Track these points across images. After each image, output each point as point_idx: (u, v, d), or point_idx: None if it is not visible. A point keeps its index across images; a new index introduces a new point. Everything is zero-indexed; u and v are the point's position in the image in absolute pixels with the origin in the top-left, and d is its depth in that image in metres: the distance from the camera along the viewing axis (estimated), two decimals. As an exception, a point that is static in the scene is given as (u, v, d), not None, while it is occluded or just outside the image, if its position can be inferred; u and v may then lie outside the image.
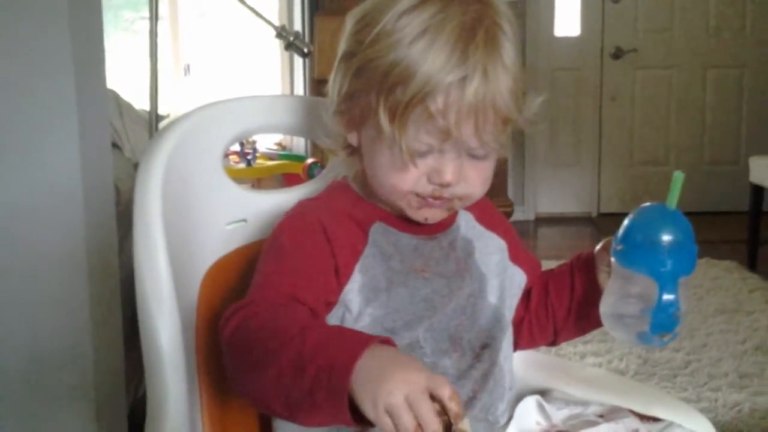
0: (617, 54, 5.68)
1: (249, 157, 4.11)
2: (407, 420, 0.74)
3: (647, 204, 1.02)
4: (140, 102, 3.34)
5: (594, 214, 5.85)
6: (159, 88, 2.67)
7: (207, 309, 1.10)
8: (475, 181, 1.00)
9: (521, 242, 1.21)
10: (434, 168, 0.97)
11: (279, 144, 4.78)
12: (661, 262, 0.95)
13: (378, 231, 1.04)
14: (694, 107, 5.75)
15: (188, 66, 5.14)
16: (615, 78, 5.73)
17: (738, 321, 3.45)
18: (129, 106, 3.03)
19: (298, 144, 4.75)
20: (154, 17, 2.61)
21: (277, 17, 5.06)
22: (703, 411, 2.56)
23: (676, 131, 5.78)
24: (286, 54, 4.89)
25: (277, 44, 3.34)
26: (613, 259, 1.01)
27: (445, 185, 0.98)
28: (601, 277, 1.09)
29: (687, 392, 2.74)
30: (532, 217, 5.79)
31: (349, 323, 0.99)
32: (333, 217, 1.03)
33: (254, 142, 4.18)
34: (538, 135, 5.67)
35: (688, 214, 1.02)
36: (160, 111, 2.72)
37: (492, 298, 1.09)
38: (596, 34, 5.70)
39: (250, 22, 4.20)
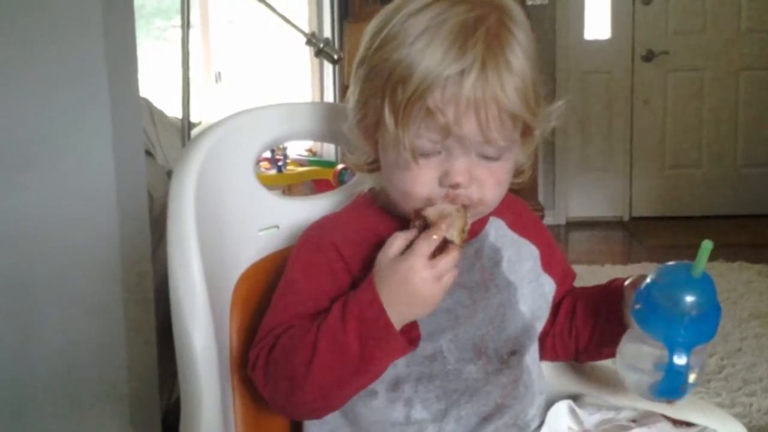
0: (648, 56, 5.64)
1: (280, 163, 4.14)
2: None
3: (672, 264, 0.97)
4: (172, 109, 3.37)
5: (626, 217, 5.81)
6: (191, 96, 2.69)
7: (240, 314, 1.11)
8: (487, 183, 0.98)
9: (558, 249, 1.20)
10: (444, 170, 0.96)
11: (309, 150, 4.80)
12: (676, 332, 0.92)
13: None
14: (726, 109, 5.70)
15: (219, 73, 5.17)
16: (646, 81, 5.70)
17: (772, 325, 3.42)
18: (161, 114, 3.06)
19: (329, 150, 4.77)
20: (185, 25, 2.64)
21: (307, 24, 5.08)
22: (737, 416, 2.54)
23: (708, 134, 5.73)
24: (317, 60, 4.91)
25: (307, 51, 3.36)
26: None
27: (455, 186, 0.96)
28: (627, 312, 1.04)
29: (721, 397, 2.72)
30: (563, 221, 5.76)
31: None
32: (349, 235, 1.04)
33: (285, 149, 4.21)
34: (568, 138, 5.67)
35: (721, 217, 1.00)
36: (192, 118, 2.74)
37: (523, 306, 1.08)
38: (627, 37, 5.67)
39: (280, 30, 4.22)
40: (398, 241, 0.94)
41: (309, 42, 2.89)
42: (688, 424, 1.09)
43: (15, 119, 1.80)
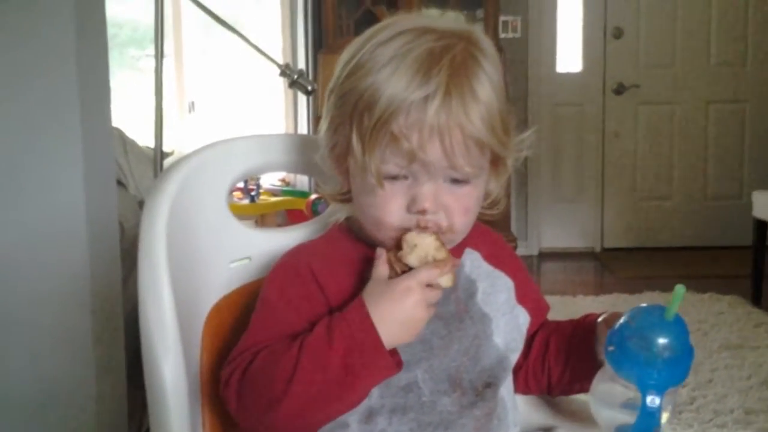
0: (619, 89, 5.71)
1: (253, 193, 4.13)
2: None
3: (645, 306, 0.97)
4: (145, 139, 3.36)
5: (598, 249, 5.85)
6: (164, 126, 2.68)
7: (211, 346, 1.10)
8: (454, 209, 0.98)
9: (531, 281, 1.20)
10: (411, 196, 0.96)
11: (283, 180, 4.79)
12: (649, 375, 0.91)
13: None
14: (696, 142, 5.77)
15: (193, 103, 5.16)
16: (617, 113, 5.76)
17: (743, 356, 3.44)
18: (133, 144, 3.05)
19: (302, 180, 4.77)
20: (159, 55, 2.63)
21: (281, 55, 5.09)
22: (709, 447, 2.55)
23: (678, 166, 5.79)
24: (290, 91, 4.92)
25: (281, 82, 3.36)
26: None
27: (422, 212, 0.96)
28: (599, 350, 1.04)
29: (693, 428, 2.72)
30: (535, 252, 5.79)
31: None
32: (326, 262, 1.04)
33: (258, 179, 4.20)
34: (541, 170, 5.71)
35: (691, 249, 1.01)
36: (165, 148, 2.73)
37: (498, 338, 1.08)
38: (598, 70, 5.74)
39: (254, 60, 4.23)
40: (384, 268, 0.95)
41: (283, 73, 2.89)
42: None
43: (-15, 149, 1.79)
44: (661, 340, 0.92)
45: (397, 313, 0.92)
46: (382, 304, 0.92)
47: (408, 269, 0.93)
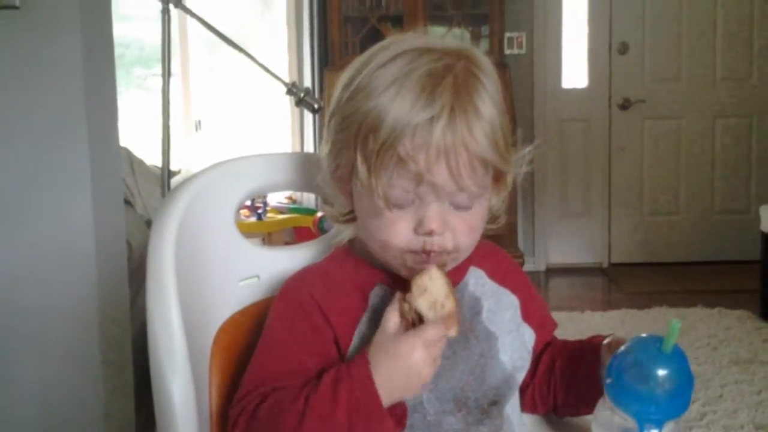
0: (625, 105, 5.71)
1: (260, 211, 4.14)
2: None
3: (643, 337, 0.94)
4: (152, 158, 3.37)
5: (605, 264, 5.84)
6: (171, 145, 2.69)
7: (220, 365, 1.10)
8: (460, 230, 0.98)
9: (538, 298, 1.19)
10: (418, 218, 0.96)
11: (289, 198, 4.80)
12: (647, 409, 0.89)
13: (378, 294, 1.04)
14: (703, 157, 5.76)
15: (199, 122, 5.18)
16: (623, 128, 5.76)
17: (753, 371, 3.43)
18: (141, 163, 3.06)
19: (309, 198, 4.77)
20: (166, 74, 2.65)
21: (288, 73, 5.11)
22: (719, 463, 2.54)
23: (685, 181, 5.78)
24: (297, 110, 4.94)
25: (287, 100, 3.37)
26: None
27: (429, 233, 0.96)
28: (603, 374, 1.01)
29: (703, 444, 2.71)
30: (543, 267, 5.78)
31: None
32: (329, 287, 1.04)
33: (265, 197, 4.21)
34: (547, 185, 5.71)
35: (700, 263, 0.99)
36: (172, 167, 2.74)
37: (504, 356, 1.07)
38: (604, 86, 5.74)
39: (260, 79, 4.25)
40: (395, 317, 0.94)
41: (290, 91, 2.91)
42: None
43: (-7, 169, 1.80)
44: (660, 373, 0.89)
45: (402, 370, 0.92)
46: (387, 361, 0.92)
47: (417, 315, 0.93)
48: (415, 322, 0.93)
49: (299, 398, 0.92)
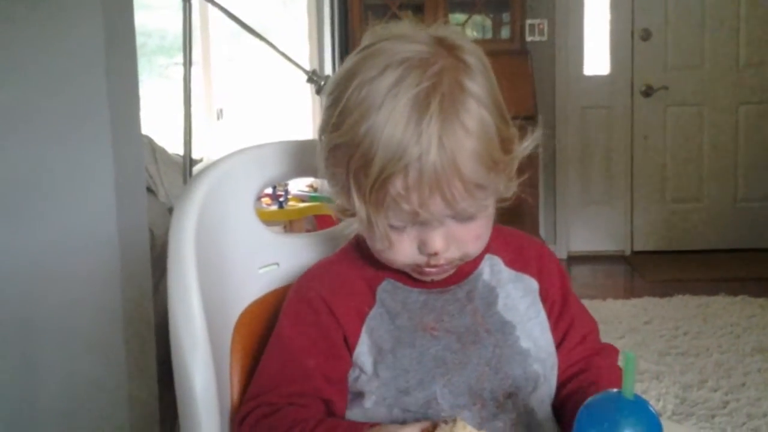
0: (648, 92, 5.67)
1: (281, 199, 4.14)
2: None
3: (602, 393, 0.85)
4: (174, 147, 3.38)
5: (627, 252, 5.81)
6: (192, 133, 2.70)
7: (241, 352, 1.11)
8: (467, 240, 0.97)
9: (571, 301, 1.13)
10: (421, 239, 0.95)
11: (310, 186, 4.80)
12: None
13: (386, 289, 1.05)
14: (726, 144, 5.72)
15: (221, 110, 5.19)
16: (646, 115, 5.72)
17: (776, 359, 3.41)
18: (163, 151, 3.07)
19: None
20: (188, 63, 2.66)
21: (308, 61, 5.11)
22: (742, 452, 2.52)
23: (708, 168, 5.74)
24: (318, 98, 4.93)
25: (308, 88, 3.37)
26: None
27: (434, 254, 0.96)
28: None
29: (725, 433, 2.70)
30: (564, 255, 5.76)
31: (364, 383, 1.01)
32: (338, 284, 1.04)
33: (286, 185, 4.20)
34: (569, 173, 5.69)
35: (722, 251, 0.92)
36: (194, 155, 2.75)
37: (525, 343, 1.05)
38: (626, 72, 5.71)
39: (281, 67, 4.25)
40: None
41: (310, 79, 2.91)
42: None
43: (16, 158, 1.82)
44: (624, 422, 0.79)
45: None
46: None
47: None
48: None
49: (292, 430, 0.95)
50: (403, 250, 0.97)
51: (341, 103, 0.93)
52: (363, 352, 1.01)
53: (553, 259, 1.15)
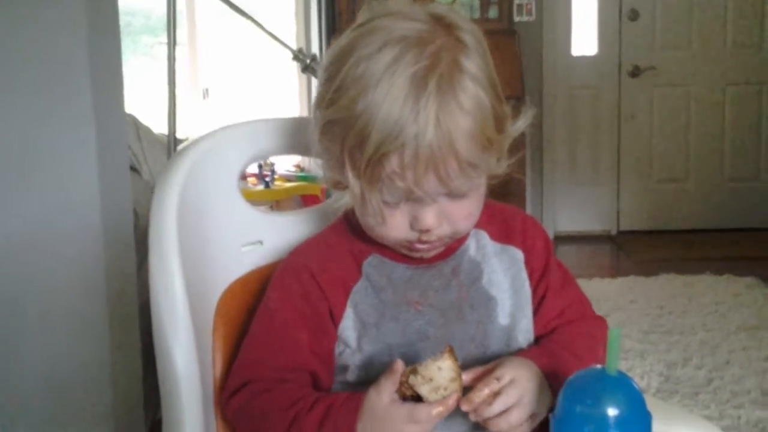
0: (635, 72, 5.67)
1: (267, 179, 4.12)
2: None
3: (586, 369, 0.84)
4: (160, 126, 3.36)
5: (614, 231, 5.82)
6: (178, 112, 2.68)
7: (223, 331, 1.10)
8: (458, 218, 0.98)
9: (568, 285, 1.14)
10: (413, 215, 0.96)
11: (297, 166, 4.79)
12: None
13: (372, 264, 1.05)
14: (713, 124, 5.72)
15: (207, 90, 5.16)
16: (633, 96, 5.72)
17: (760, 337, 3.43)
18: (147, 130, 3.05)
19: (317, 166, 4.76)
20: (171, 42, 2.64)
21: (295, 40, 5.08)
22: (726, 429, 2.54)
23: (695, 148, 5.75)
24: (304, 76, 4.91)
25: (294, 67, 3.36)
26: None
27: (426, 231, 0.96)
28: None
29: (709, 410, 2.71)
30: (551, 235, 5.76)
31: (348, 357, 1.02)
32: (325, 258, 1.05)
33: (272, 164, 4.19)
34: (556, 153, 5.69)
35: (708, 231, 0.91)
36: (179, 135, 2.73)
37: (503, 319, 1.06)
38: (614, 53, 5.70)
39: (268, 46, 4.23)
40: (391, 388, 0.90)
41: (296, 57, 2.89)
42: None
43: (-2, 136, 1.80)
44: (603, 400, 0.80)
45: None
46: (376, 426, 0.90)
47: (415, 393, 0.89)
48: (412, 397, 0.90)
49: (287, 416, 0.95)
50: (396, 226, 0.97)
51: (338, 78, 0.93)
52: (348, 326, 1.02)
53: (539, 228, 1.15)
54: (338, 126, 0.94)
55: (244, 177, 4.03)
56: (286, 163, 4.67)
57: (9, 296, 1.83)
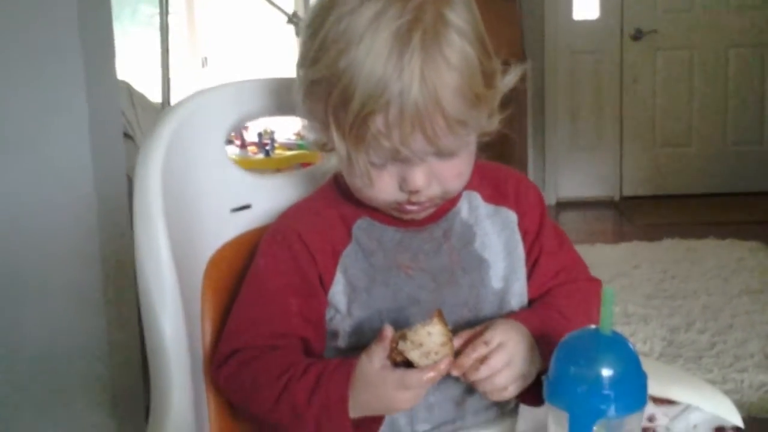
0: (637, 35, 5.62)
1: (267, 147, 4.10)
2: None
3: (580, 330, 0.82)
4: (158, 95, 3.34)
5: (616, 197, 5.80)
6: (175, 80, 2.66)
7: (212, 296, 1.08)
8: (448, 177, 0.95)
9: (564, 247, 1.12)
10: (402, 176, 0.93)
11: (297, 134, 4.76)
12: (592, 400, 0.76)
13: (361, 227, 1.02)
14: (716, 88, 5.68)
15: (205, 58, 5.14)
16: (635, 60, 5.68)
17: (764, 301, 3.43)
18: (142, 97, 3.03)
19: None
20: (164, 12, 2.61)
21: (293, 4, 5.04)
22: (728, 392, 2.52)
23: (698, 112, 5.71)
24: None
25: (291, 32, 3.33)
26: None
27: (415, 192, 0.93)
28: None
29: (712, 374, 2.71)
30: (553, 201, 5.75)
31: (338, 323, 1.00)
32: (314, 222, 1.02)
33: (272, 133, 4.17)
34: (558, 118, 5.65)
35: (711, 195, 0.87)
36: (174, 102, 2.71)
37: (496, 283, 1.04)
38: (615, 16, 5.65)
39: (266, 12, 4.19)
40: (382, 354, 0.88)
41: (290, 21, 2.86)
42: (671, 402, 1.05)
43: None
44: (597, 360, 0.77)
45: (381, 403, 0.89)
46: (366, 391, 0.88)
47: (406, 359, 0.87)
48: (403, 362, 0.88)
49: (278, 382, 0.92)
50: (384, 188, 0.94)
51: (319, 36, 0.90)
52: (338, 291, 1.00)
53: (532, 189, 1.12)
54: (322, 86, 0.90)
55: (244, 146, 4.01)
56: (286, 132, 4.65)
57: (5, 265, 1.82)
